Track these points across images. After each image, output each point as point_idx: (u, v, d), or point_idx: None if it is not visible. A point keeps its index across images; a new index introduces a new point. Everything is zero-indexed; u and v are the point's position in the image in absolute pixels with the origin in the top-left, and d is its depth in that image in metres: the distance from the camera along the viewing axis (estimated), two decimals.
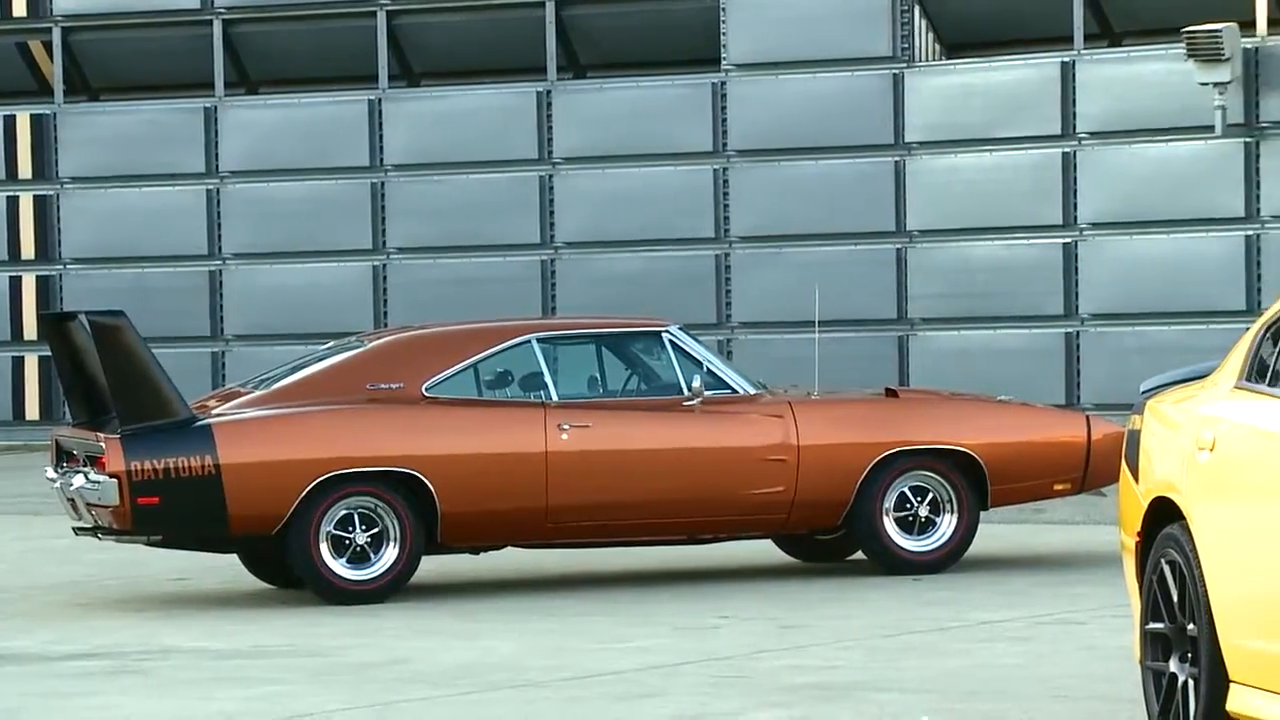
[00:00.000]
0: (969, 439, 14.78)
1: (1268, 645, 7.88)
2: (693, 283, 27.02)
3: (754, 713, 9.84)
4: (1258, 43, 24.68)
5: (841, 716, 9.67)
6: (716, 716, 9.79)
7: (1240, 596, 8.01)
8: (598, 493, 14.26)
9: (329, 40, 28.67)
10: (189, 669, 11.62)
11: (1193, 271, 24.97)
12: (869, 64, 26.57)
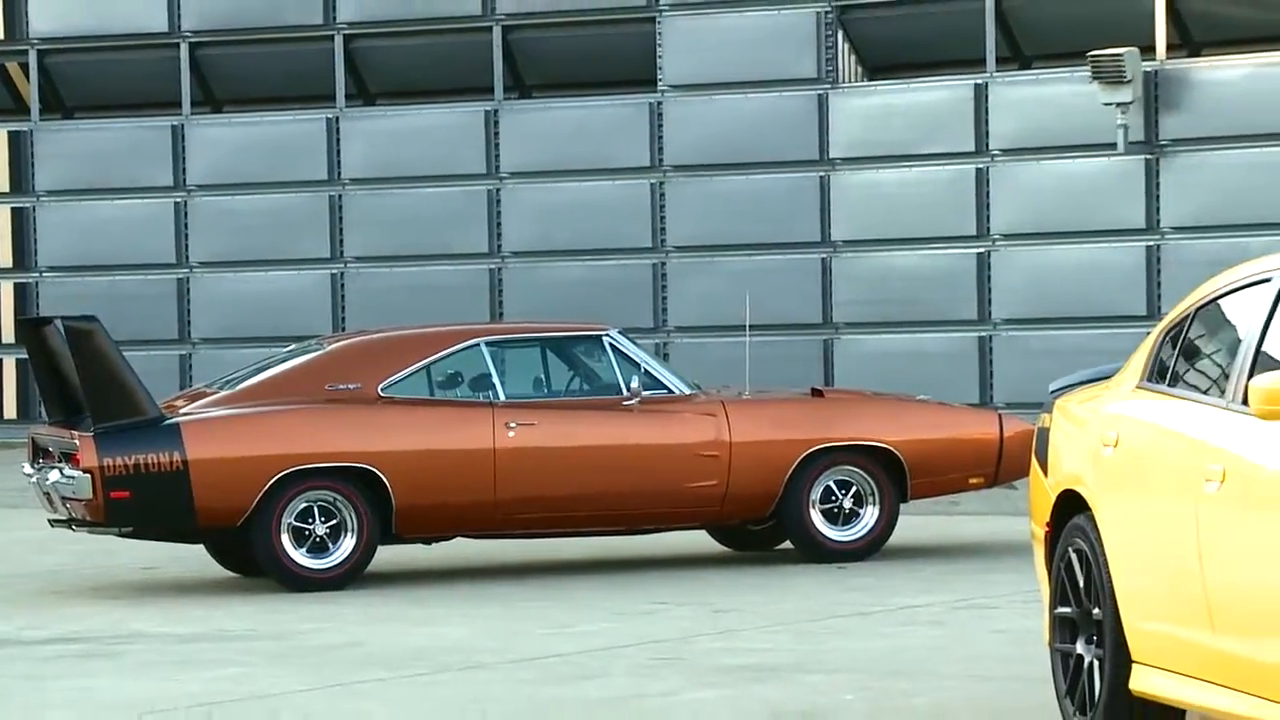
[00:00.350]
0: (890, 436, 14.80)
1: (1167, 628, 7.90)
2: (631, 290, 27.04)
3: (689, 693, 9.84)
4: (1157, 66, 24.76)
5: (771, 696, 9.68)
6: (654, 696, 9.78)
7: (1141, 583, 8.03)
8: (543, 486, 14.26)
9: (289, 62, 28.61)
10: (157, 652, 11.58)
11: (1097, 279, 25.05)
12: (796, 85, 26.60)
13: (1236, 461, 7.42)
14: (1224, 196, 24.48)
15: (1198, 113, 24.75)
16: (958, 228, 25.79)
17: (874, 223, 26.15)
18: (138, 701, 10.01)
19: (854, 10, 26.46)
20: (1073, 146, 25.10)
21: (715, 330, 25.83)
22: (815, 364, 26.17)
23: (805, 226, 26.51)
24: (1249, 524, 7.33)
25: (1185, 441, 7.80)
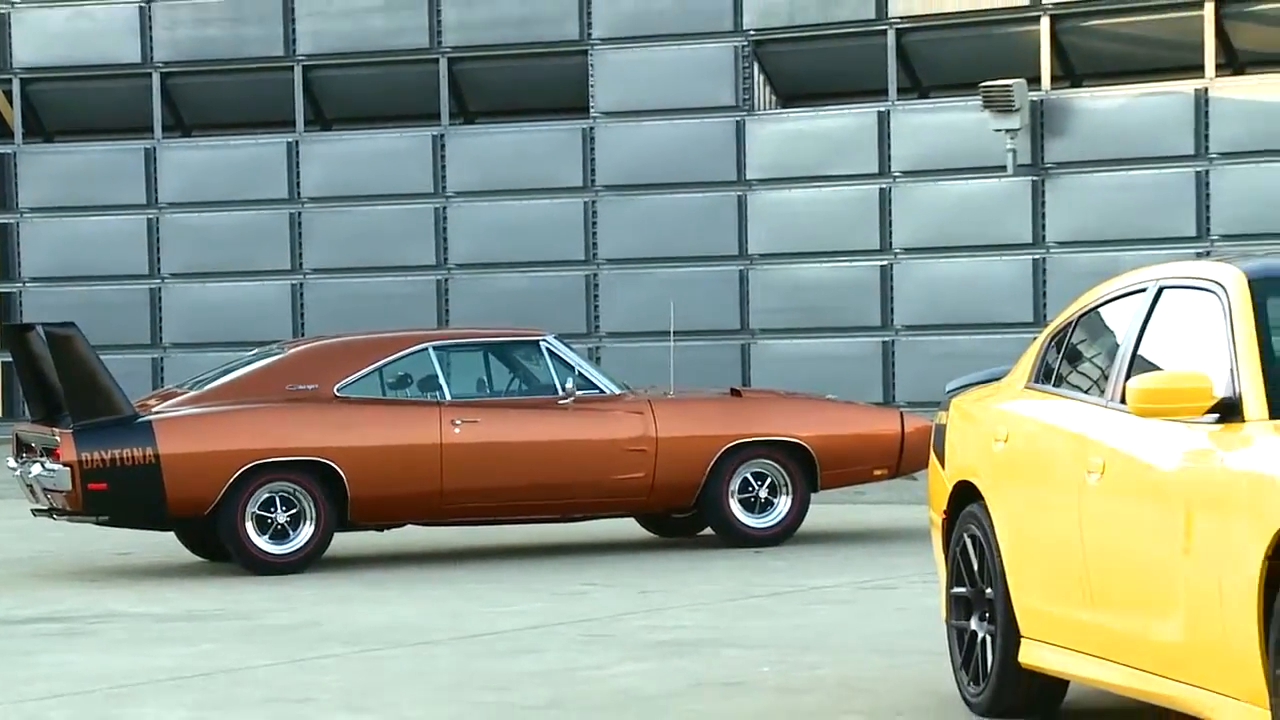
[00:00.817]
0: (801, 432, 14.84)
1: (1052, 606, 7.94)
2: (566, 298, 27.05)
3: (617, 666, 9.85)
4: (1043, 95, 24.88)
5: (693, 669, 9.69)
6: (586, 669, 9.79)
7: (1029, 565, 8.07)
8: (485, 478, 14.25)
9: (253, 90, 28.55)
10: (132, 631, 11.54)
11: (989, 289, 25.16)
12: (716, 112, 26.65)
13: (1115, 455, 7.47)
14: (1102, 214, 24.61)
15: (1079, 138, 24.87)
16: (863, 242, 25.87)
17: (787, 238, 26.21)
18: (113, 675, 9.98)
19: (768, 44, 26.52)
20: (966, 169, 25.21)
21: (643, 335, 25.85)
22: (734, 366, 26.22)
23: (724, 241, 26.57)
24: (1125, 511, 7.37)
25: (1068, 437, 7.85)
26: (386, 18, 27.92)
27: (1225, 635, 6.76)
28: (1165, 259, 9.84)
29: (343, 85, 28.45)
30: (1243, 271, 7.37)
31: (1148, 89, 24.69)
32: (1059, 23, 25.07)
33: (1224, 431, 6.94)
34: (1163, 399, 7.04)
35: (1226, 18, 24.33)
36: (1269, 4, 24.21)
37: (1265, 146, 23.86)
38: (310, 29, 28.19)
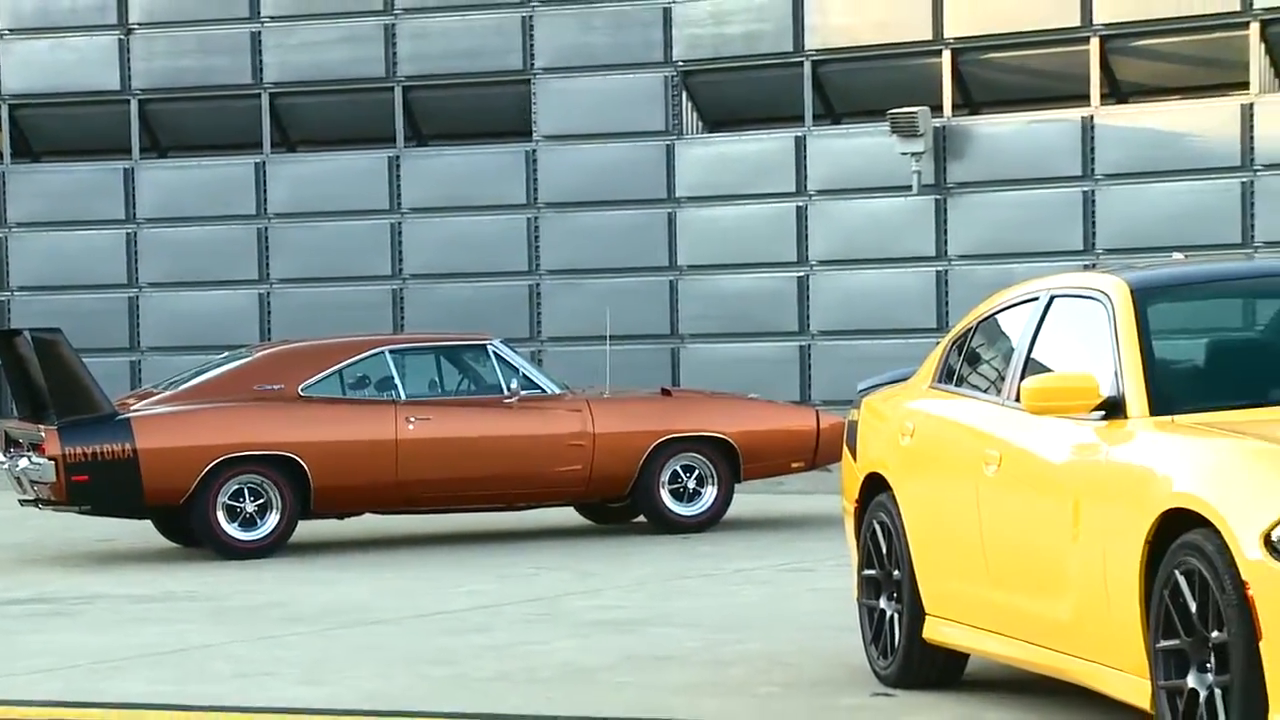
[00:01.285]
0: (726, 428, 14.87)
1: (953, 587, 7.97)
2: (511, 306, 27.03)
3: (559, 642, 9.85)
4: (945, 122, 24.96)
5: (628, 644, 9.70)
6: (531, 644, 9.79)
7: (933, 549, 8.10)
8: (437, 471, 14.25)
9: (223, 115, 28.46)
10: (112, 611, 11.50)
11: (896, 298, 25.23)
12: (648, 136, 26.67)
13: (1010, 448, 7.50)
14: (998, 230, 24.71)
15: (977, 161, 24.97)
16: (781, 255, 25.92)
17: (712, 250, 26.26)
18: (95, 651, 9.94)
19: (696, 75, 26.56)
20: (875, 188, 25.28)
21: (581, 340, 25.84)
22: (664, 368, 26.24)
23: (655, 254, 26.58)
24: (1020, 501, 7.41)
25: (968, 432, 7.88)
26: (346, 49, 27.89)
27: (1110, 613, 6.80)
28: (1055, 271, 9.87)
29: (306, 111, 28.39)
30: (1125, 282, 7.42)
31: (1039, 116, 24.79)
32: (959, 56, 25.17)
33: (1109, 428, 6.98)
34: (1053, 398, 7.08)
35: (1110, 52, 24.47)
36: (1147, 41, 24.37)
37: (1145, 169, 24.00)
38: (276, 60, 28.13)
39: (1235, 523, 6.18)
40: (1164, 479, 6.53)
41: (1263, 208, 23.65)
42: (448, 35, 27.54)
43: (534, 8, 27.14)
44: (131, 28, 28.72)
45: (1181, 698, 6.45)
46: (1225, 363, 7.32)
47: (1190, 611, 6.38)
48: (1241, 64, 23.81)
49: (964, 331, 8.38)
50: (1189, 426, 6.73)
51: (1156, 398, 6.96)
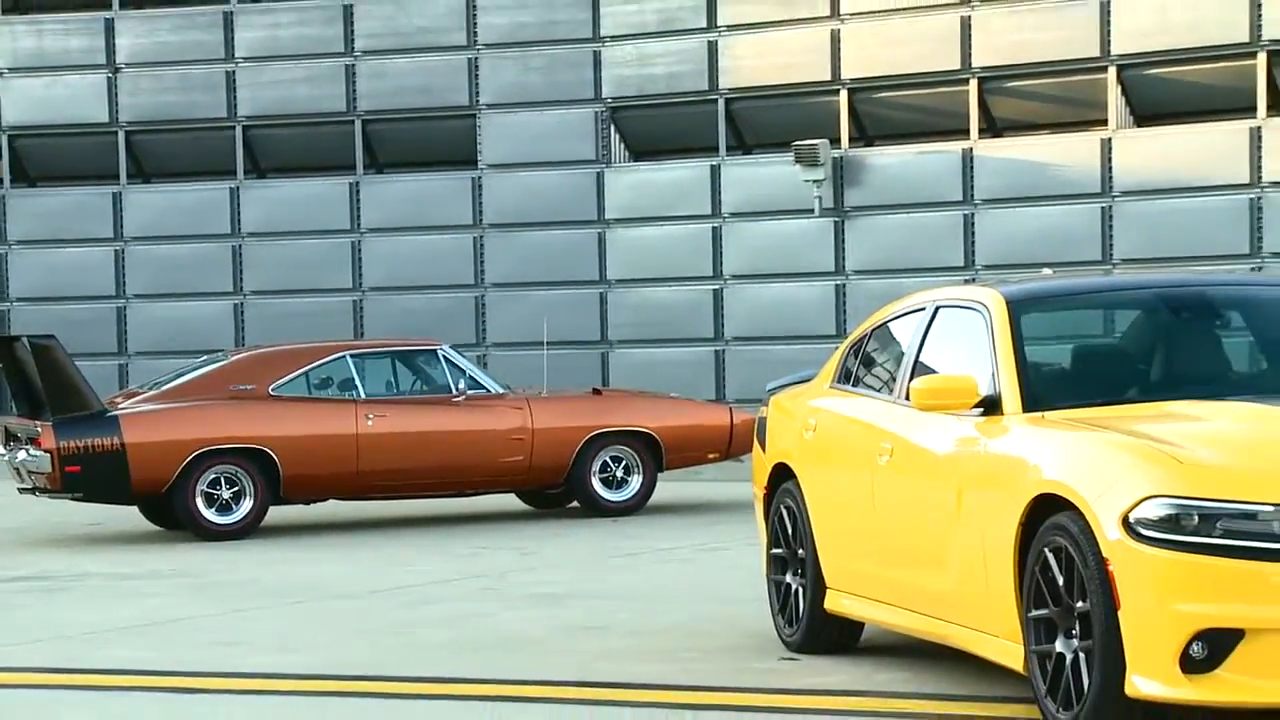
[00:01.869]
0: (650, 423, 14.88)
1: (851, 563, 8.00)
2: (459, 315, 26.98)
3: (503, 613, 9.84)
4: (842, 153, 25.06)
5: (564, 615, 9.69)
6: (478, 616, 9.77)
7: (833, 530, 8.13)
8: (393, 462, 14.21)
9: (202, 144, 28.32)
10: (102, 588, 11.42)
11: (799, 308, 25.29)
12: (580, 165, 26.67)
13: (900, 441, 7.53)
14: (889, 248, 24.82)
15: (870, 187, 25.07)
16: (699, 270, 25.96)
17: (638, 266, 26.28)
18: (87, 624, 9.87)
19: (622, 110, 26.57)
20: (781, 211, 25.35)
21: (522, 345, 25.81)
22: (595, 371, 26.24)
23: (588, 269, 26.58)
24: (909, 487, 7.44)
25: (864, 427, 7.91)
26: (311, 87, 27.84)
27: (988, 586, 6.83)
28: (939, 284, 9.94)
29: (275, 142, 28.28)
30: (1001, 294, 7.46)
31: (925, 148, 24.91)
32: (854, 95, 25.28)
33: (987, 423, 7.02)
34: (938, 396, 7.11)
35: (987, 92, 24.61)
36: (1019, 83, 24.52)
37: (1017, 195, 24.16)
38: (248, 95, 28.03)
39: (1097, 506, 6.22)
40: (1035, 468, 6.57)
41: (1120, 229, 23.84)
42: (402, 74, 27.51)
43: (479, 50, 27.13)
44: (119, 67, 28.57)
45: (1050, 660, 6.49)
46: (1088, 365, 7.37)
47: (1058, 584, 6.42)
48: (1101, 103, 23.99)
49: (860, 338, 8.41)
50: (1057, 421, 6.77)
51: (1028, 396, 6.99)
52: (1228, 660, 5.99)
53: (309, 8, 27.87)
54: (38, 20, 28.89)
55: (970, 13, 24.45)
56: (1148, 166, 23.65)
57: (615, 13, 26.45)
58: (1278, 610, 5.93)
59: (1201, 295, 7.61)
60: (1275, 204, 23.05)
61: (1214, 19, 23.10)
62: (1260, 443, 6.31)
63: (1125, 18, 23.61)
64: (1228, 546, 5.99)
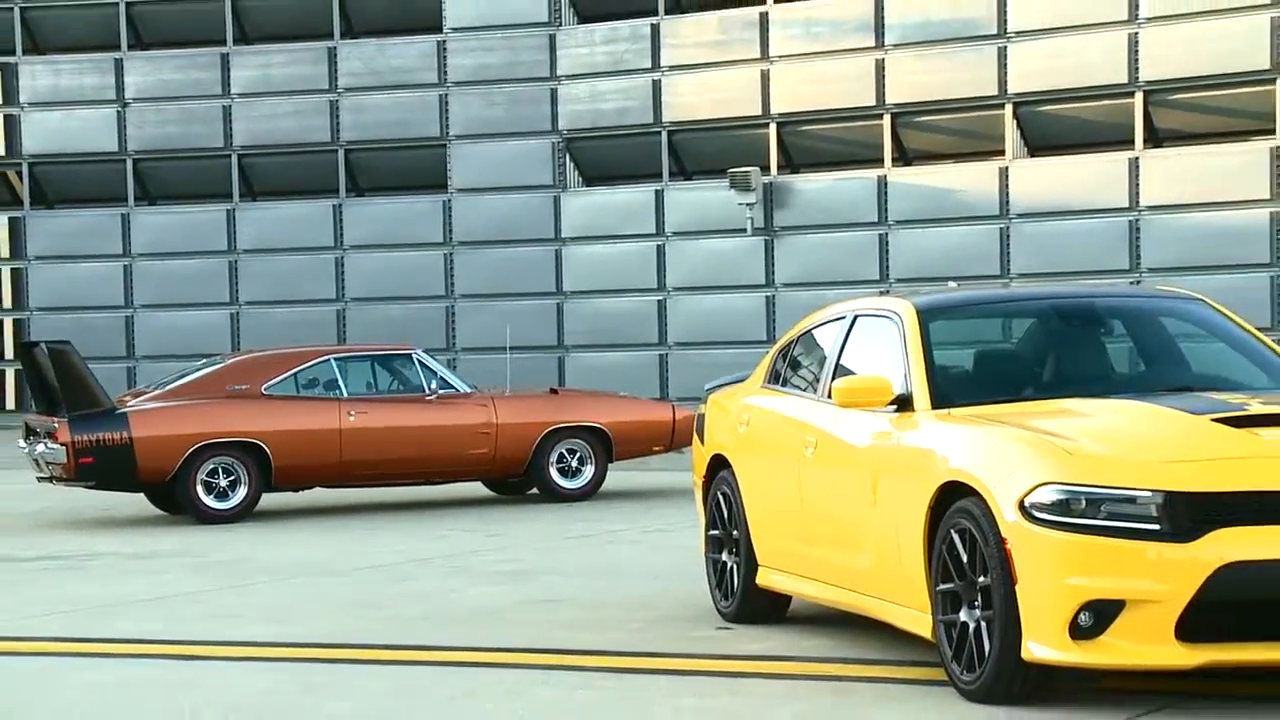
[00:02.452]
0: (602, 419, 14.86)
1: (780, 543, 8.01)
2: (431, 322, 26.95)
3: (471, 589, 9.81)
4: (772, 179, 25.14)
5: (525, 590, 9.67)
6: (450, 590, 9.74)
7: (764, 513, 8.13)
8: (372, 453, 14.15)
9: (201, 171, 28.23)
10: (112, 566, 11.34)
11: (734, 317, 25.35)
12: (539, 189, 26.68)
13: (824, 435, 7.55)
14: (813, 264, 24.90)
15: (797, 210, 25.16)
16: (645, 283, 25.99)
17: (591, 279, 26.29)
18: (100, 598, 9.80)
19: (577, 140, 26.59)
20: (717, 231, 25.40)
21: (487, 350, 25.78)
22: (553, 372, 26.23)
23: (546, 282, 26.59)
24: (831, 476, 7.45)
25: (791, 422, 7.92)
26: (299, 119, 27.77)
27: (901, 563, 6.85)
28: (858, 295, 9.93)
29: (267, 168, 28.19)
30: (912, 304, 7.48)
31: (843, 175, 25.01)
32: (783, 128, 25.35)
33: (900, 418, 7.04)
34: (857, 395, 7.13)
35: (900, 125, 24.70)
36: (928, 117, 24.63)
37: (926, 217, 24.28)
38: (243, 127, 27.94)
39: (997, 492, 6.24)
40: (942, 458, 6.59)
41: (1015, 247, 24.00)
42: (380, 109, 27.48)
43: (448, 87, 27.12)
44: (127, 102, 28.43)
45: (956, 629, 6.51)
46: (989, 367, 7.40)
47: (963, 562, 6.44)
48: (999, 136, 24.14)
49: (787, 343, 8.42)
50: (961, 417, 6.79)
51: (936, 395, 7.01)
52: (1111, 627, 6.02)
53: (297, 49, 27.78)
54: (54, 61, 28.73)
55: (884, 56, 24.56)
56: (1040, 192, 23.81)
57: (570, 54, 26.47)
58: (1154, 583, 5.96)
59: (1088, 306, 7.65)
60: (1151, 226, 23.23)
61: (1097, 62, 23.27)
62: (1139, 436, 6.34)
63: (1020, 61, 23.77)
64: (1111, 527, 6.02)
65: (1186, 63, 22.83)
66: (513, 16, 26.74)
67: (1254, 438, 6.24)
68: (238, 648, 8.17)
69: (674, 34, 25.81)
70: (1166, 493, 6.01)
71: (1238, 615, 5.98)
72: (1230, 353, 7.43)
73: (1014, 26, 23.81)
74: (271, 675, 7.52)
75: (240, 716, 6.64)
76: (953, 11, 24.14)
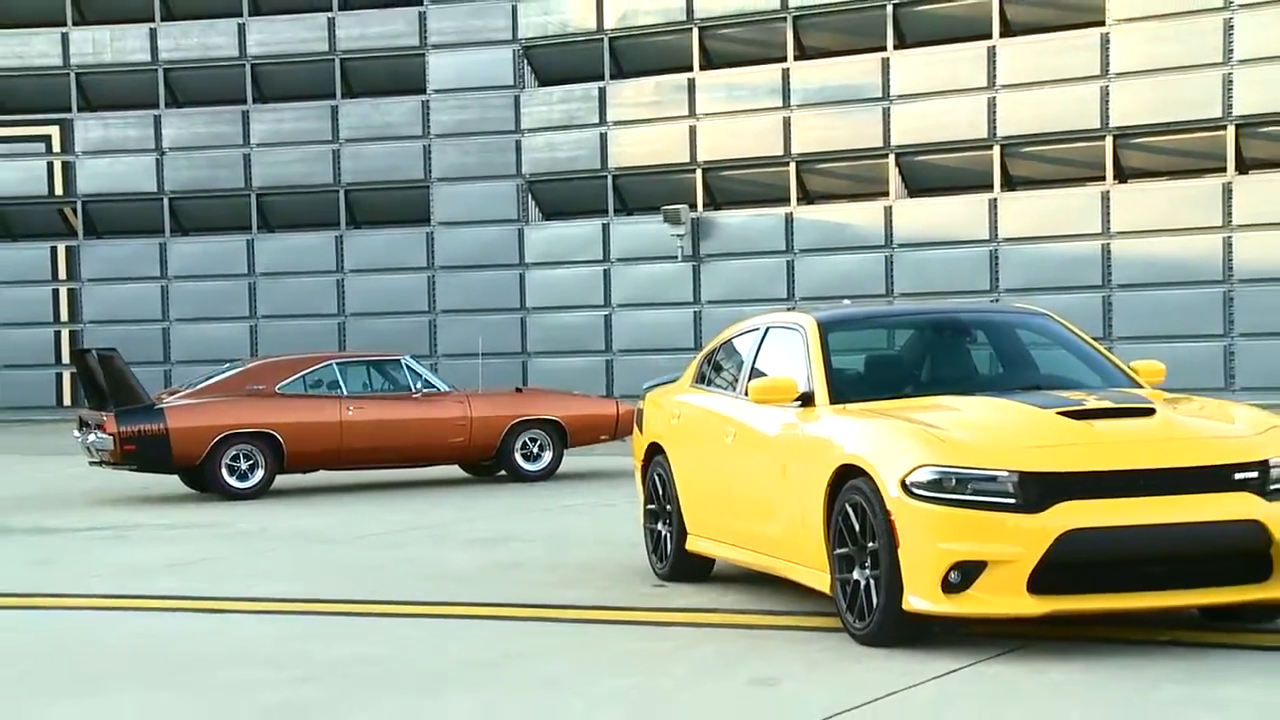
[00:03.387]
0: (559, 413, 14.83)
1: (705, 515, 8.01)
2: (417, 333, 26.86)
3: (449, 554, 9.76)
4: (698, 215, 25.19)
5: (495, 554, 9.62)
6: (430, 556, 9.69)
7: (693, 490, 8.13)
8: (368, 441, 14.07)
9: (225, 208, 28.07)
10: (150, 537, 11.22)
11: (667, 329, 25.39)
12: (506, 223, 26.65)
13: (742, 426, 7.55)
14: (732, 285, 24.97)
15: (720, 240, 25.22)
16: (594, 300, 26.01)
17: (549, 298, 26.27)
18: (139, 563, 9.70)
19: (538, 183, 26.57)
20: (654, 257, 25.45)
21: (463, 356, 25.73)
22: (518, 374, 26.20)
23: (512, 299, 26.57)
24: (748, 459, 7.46)
25: (715, 415, 7.92)
26: (306, 165, 27.66)
27: (805, 531, 6.86)
28: (769, 311, 9.96)
29: (281, 205, 28.04)
30: (814, 318, 7.50)
31: (758, 211, 25.10)
32: (707, 173, 25.44)
33: (804, 412, 7.05)
34: (769, 393, 7.14)
35: (803, 171, 24.84)
36: (827, 164, 24.76)
37: (825, 247, 24.40)
38: (260, 171, 27.80)
39: (883, 473, 6.26)
40: (839, 445, 6.60)
41: (898, 272, 24.16)
42: (374, 156, 27.41)
43: (431, 139, 27.10)
44: (164, 150, 28.24)
45: (849, 585, 6.52)
46: (877, 370, 7.42)
47: (855, 530, 6.45)
48: (884, 180, 24.31)
49: (712, 350, 8.43)
50: (854, 411, 6.81)
51: (834, 393, 7.03)
52: (975, 583, 6.05)
53: (305, 108, 27.66)
54: (104, 117, 28.50)
55: (790, 114, 24.74)
56: (917, 227, 23.97)
57: (532, 112, 26.48)
58: (1009, 547, 6.00)
59: (956, 320, 7.69)
60: (1007, 255, 23.45)
61: (964, 120, 23.50)
62: (998, 426, 6.38)
63: (901, 119, 23.99)
64: (975, 501, 6.05)
65: (1035, 121, 23.22)
66: (484, 80, 26.73)
67: (1090, 428, 6.30)
68: (256, 602, 8.09)
69: (617, 96, 25.85)
70: (1020, 473, 6.04)
71: (1077, 572, 6.03)
72: (1071, 358, 7.49)
73: (895, 91, 24.03)
74: (284, 625, 7.46)
75: (258, 659, 6.57)
76: (846, 79, 24.33)
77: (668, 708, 5.51)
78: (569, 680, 5.98)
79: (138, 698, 5.94)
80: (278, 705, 5.77)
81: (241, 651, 6.76)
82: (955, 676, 5.81)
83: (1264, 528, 6.05)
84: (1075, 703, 5.39)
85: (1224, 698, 5.39)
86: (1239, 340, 22.11)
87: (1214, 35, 22.09)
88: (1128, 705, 5.35)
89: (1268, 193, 21.95)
